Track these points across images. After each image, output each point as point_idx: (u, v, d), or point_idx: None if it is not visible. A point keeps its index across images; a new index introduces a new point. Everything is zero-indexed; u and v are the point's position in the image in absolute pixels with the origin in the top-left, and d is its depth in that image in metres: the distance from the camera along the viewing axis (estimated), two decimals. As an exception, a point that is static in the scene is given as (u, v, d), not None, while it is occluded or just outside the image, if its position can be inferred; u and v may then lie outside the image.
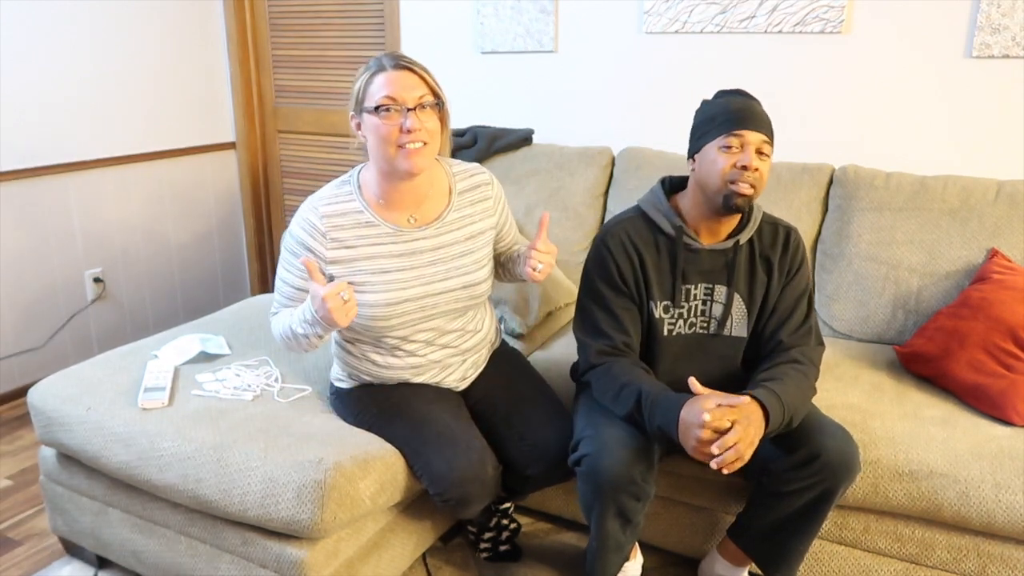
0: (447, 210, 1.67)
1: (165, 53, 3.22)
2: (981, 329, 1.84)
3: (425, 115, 1.54)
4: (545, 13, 2.77)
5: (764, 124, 1.56)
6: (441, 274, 1.65)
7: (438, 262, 1.65)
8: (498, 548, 1.97)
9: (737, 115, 1.55)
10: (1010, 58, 2.20)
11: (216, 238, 3.60)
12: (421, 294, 1.63)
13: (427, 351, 1.71)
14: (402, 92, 1.52)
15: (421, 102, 1.53)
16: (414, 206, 1.65)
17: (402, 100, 1.51)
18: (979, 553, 1.63)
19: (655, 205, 1.67)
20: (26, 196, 2.81)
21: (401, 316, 1.62)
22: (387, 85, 1.52)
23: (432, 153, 1.58)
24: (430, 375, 1.75)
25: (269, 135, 3.62)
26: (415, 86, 1.53)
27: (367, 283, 1.60)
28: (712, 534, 1.85)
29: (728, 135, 1.54)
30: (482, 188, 1.72)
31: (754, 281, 1.66)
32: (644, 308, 1.67)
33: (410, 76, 1.54)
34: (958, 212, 2.12)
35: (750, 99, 1.59)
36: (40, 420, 1.80)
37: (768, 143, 1.56)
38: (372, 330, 1.65)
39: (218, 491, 1.55)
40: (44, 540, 2.09)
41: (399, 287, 1.61)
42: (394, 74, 1.52)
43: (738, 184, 1.53)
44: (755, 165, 1.53)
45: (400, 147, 1.52)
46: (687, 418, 1.44)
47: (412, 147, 1.52)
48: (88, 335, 3.10)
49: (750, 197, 1.55)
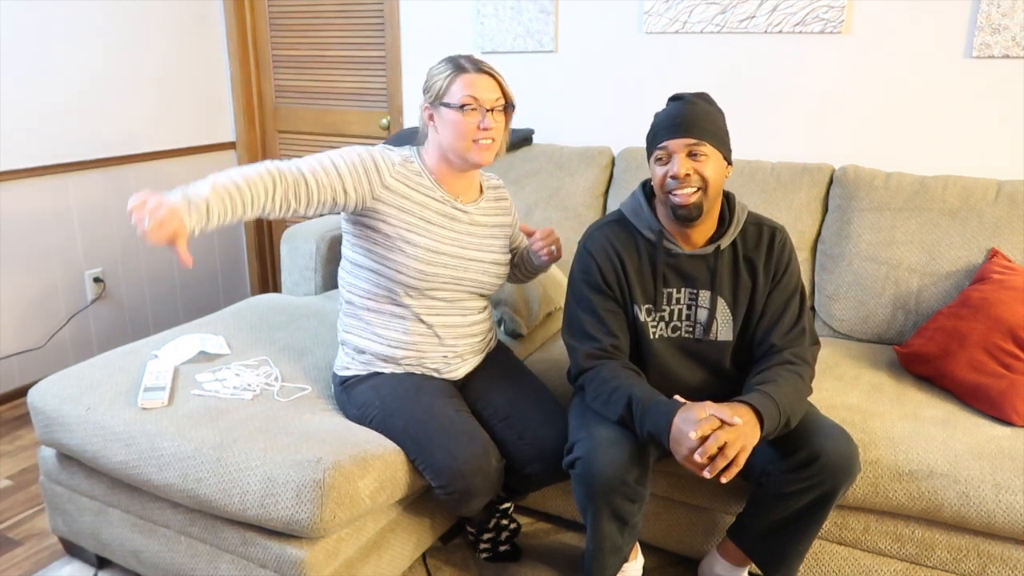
0: (481, 199, 1.86)
1: (165, 53, 3.22)
2: (981, 329, 1.84)
3: (498, 117, 1.72)
4: (545, 13, 2.77)
5: (692, 127, 1.53)
6: (475, 244, 1.79)
7: (474, 235, 1.80)
8: (498, 548, 1.97)
9: (662, 126, 1.57)
10: (1010, 58, 2.20)
11: (216, 238, 3.60)
12: (457, 253, 1.75)
13: (438, 319, 1.76)
14: (484, 94, 1.69)
15: (496, 105, 1.71)
16: (461, 192, 1.81)
17: (483, 101, 1.68)
18: (979, 553, 1.63)
19: (636, 209, 1.68)
20: (26, 196, 2.81)
21: (436, 267, 1.72)
22: (470, 86, 1.68)
23: (496, 150, 1.76)
24: (431, 349, 1.77)
25: (269, 135, 3.62)
26: (493, 89, 1.71)
27: (415, 225, 1.71)
28: (712, 534, 1.85)
29: (656, 148, 1.58)
30: (501, 190, 1.94)
31: (738, 284, 1.65)
32: (629, 311, 1.67)
33: (490, 81, 1.71)
34: (958, 212, 2.12)
35: (686, 103, 1.57)
36: (40, 420, 1.80)
37: (700, 144, 1.53)
38: (407, 272, 1.70)
39: (218, 491, 1.55)
40: (44, 540, 2.09)
41: (440, 240, 1.73)
42: (476, 77, 1.69)
43: (675, 194, 1.55)
44: (684, 171, 1.53)
45: (475, 142, 1.70)
46: (681, 426, 1.44)
47: (484, 143, 1.71)
48: (88, 335, 3.10)
49: (692, 205, 1.55)
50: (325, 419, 1.73)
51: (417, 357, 1.78)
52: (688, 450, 1.42)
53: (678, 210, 1.56)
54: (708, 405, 1.46)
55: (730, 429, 1.41)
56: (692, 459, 1.42)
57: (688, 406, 1.47)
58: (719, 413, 1.43)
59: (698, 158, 1.54)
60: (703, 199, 1.55)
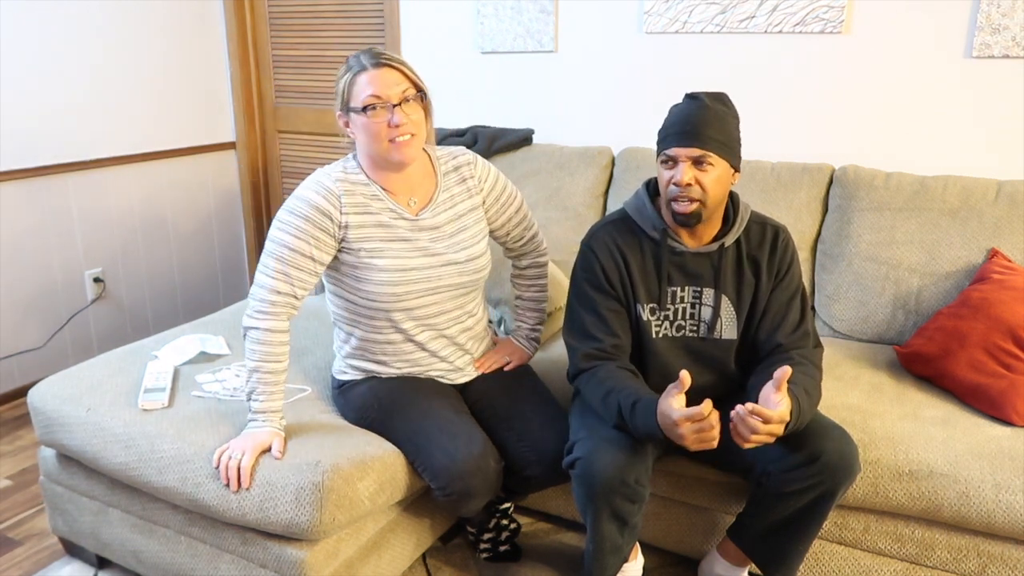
0: (436, 192, 1.73)
1: (165, 53, 3.22)
2: (981, 329, 1.84)
3: (410, 108, 1.60)
4: (545, 13, 2.77)
5: (702, 136, 1.52)
6: (443, 248, 1.70)
7: (439, 240, 1.71)
8: (498, 548, 1.97)
9: (672, 129, 1.56)
10: (1010, 58, 2.20)
11: (216, 238, 3.60)
12: (427, 264, 1.68)
13: (426, 335, 1.73)
14: (386, 90, 1.57)
15: (405, 96, 1.59)
16: (410, 192, 1.71)
17: (387, 97, 1.57)
18: (979, 553, 1.63)
19: (640, 208, 1.67)
20: (26, 196, 2.81)
21: (408, 284, 1.65)
22: (371, 84, 1.57)
23: (420, 143, 1.65)
24: (427, 363, 1.76)
25: (269, 135, 3.62)
26: (397, 82, 1.59)
27: (378, 249, 1.64)
28: (712, 534, 1.85)
29: (662, 153, 1.58)
30: (463, 168, 1.78)
31: (742, 283, 1.65)
32: (631, 311, 1.67)
33: (391, 73, 1.59)
34: (958, 212, 2.12)
35: (700, 106, 1.55)
36: (40, 420, 1.80)
37: (706, 154, 1.52)
38: (380, 299, 1.65)
39: (216, 495, 1.55)
40: (44, 540, 2.09)
41: (407, 255, 1.66)
42: (375, 72, 1.57)
43: (678, 201, 1.55)
44: (687, 180, 1.53)
45: (391, 141, 1.59)
46: (663, 421, 1.43)
47: (402, 140, 1.59)
48: (88, 335, 3.10)
49: (691, 214, 1.55)
50: (324, 421, 1.73)
51: (418, 371, 1.77)
52: (681, 437, 1.40)
53: (677, 216, 1.58)
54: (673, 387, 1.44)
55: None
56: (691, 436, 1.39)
57: (661, 396, 1.45)
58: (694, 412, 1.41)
59: (703, 167, 1.54)
60: (701, 209, 1.56)
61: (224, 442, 1.60)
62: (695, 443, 1.41)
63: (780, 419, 1.41)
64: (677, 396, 1.43)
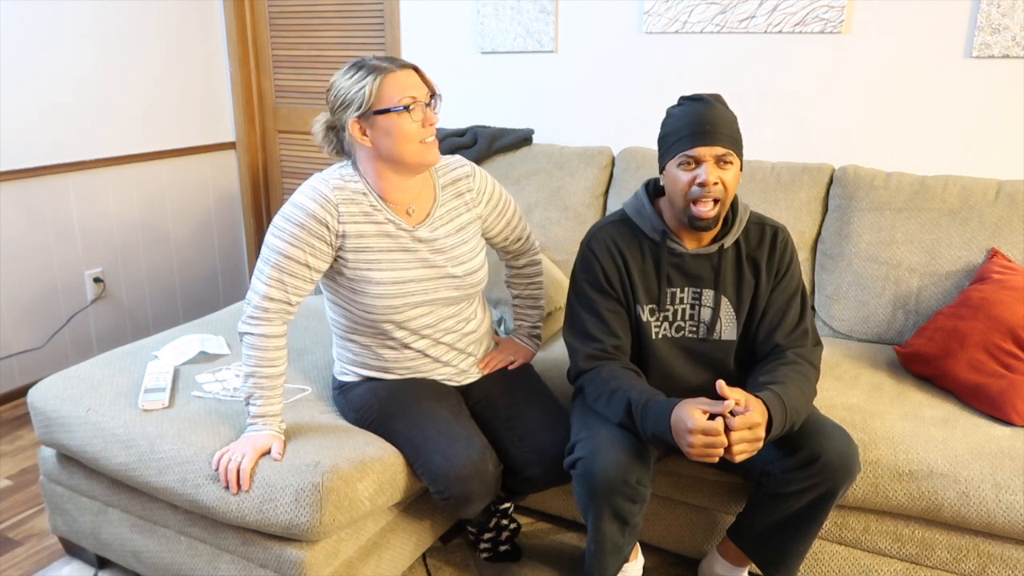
0: (434, 206, 1.72)
1: (165, 53, 3.22)
2: (981, 329, 1.84)
3: (432, 109, 1.62)
4: (545, 13, 2.77)
5: (721, 135, 1.52)
6: (442, 261, 1.69)
7: (437, 252, 1.69)
8: (498, 548, 1.97)
9: (687, 130, 1.53)
10: (1010, 58, 2.20)
11: (216, 238, 3.60)
12: (424, 276, 1.67)
13: (424, 342, 1.72)
14: (417, 90, 1.58)
15: (433, 97, 1.61)
16: (409, 201, 1.69)
17: (421, 97, 1.58)
18: (979, 553, 1.63)
19: (639, 209, 1.67)
20: (26, 196, 2.81)
21: (405, 297, 1.65)
22: (404, 84, 1.56)
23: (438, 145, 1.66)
24: (428, 368, 1.76)
25: (269, 135, 3.62)
26: (422, 83, 1.60)
27: (375, 261, 1.63)
28: (712, 534, 1.85)
29: (681, 154, 1.54)
30: (462, 181, 1.76)
31: (741, 283, 1.65)
32: (631, 311, 1.67)
33: (415, 74, 1.60)
34: (958, 212, 2.12)
35: (709, 106, 1.55)
36: (40, 421, 1.80)
37: (728, 152, 1.53)
38: (376, 311, 1.65)
39: (216, 496, 1.55)
40: (44, 540, 2.09)
41: (404, 266, 1.65)
42: (402, 73, 1.57)
43: (699, 204, 1.54)
44: (713, 180, 1.52)
45: (422, 143, 1.59)
46: (677, 425, 1.44)
47: (430, 141, 1.60)
48: (88, 335, 3.10)
49: (712, 219, 1.55)
50: (324, 421, 1.72)
51: (420, 376, 1.77)
52: (689, 445, 1.41)
53: (697, 221, 1.55)
54: (703, 400, 1.45)
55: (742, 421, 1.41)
56: (699, 447, 1.40)
57: (682, 404, 1.46)
58: (713, 408, 1.43)
59: (724, 166, 1.54)
60: (721, 210, 1.56)
61: (224, 443, 1.60)
62: (699, 455, 1.42)
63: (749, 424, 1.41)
64: (705, 412, 1.42)
